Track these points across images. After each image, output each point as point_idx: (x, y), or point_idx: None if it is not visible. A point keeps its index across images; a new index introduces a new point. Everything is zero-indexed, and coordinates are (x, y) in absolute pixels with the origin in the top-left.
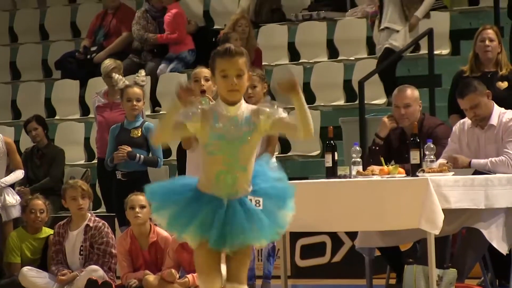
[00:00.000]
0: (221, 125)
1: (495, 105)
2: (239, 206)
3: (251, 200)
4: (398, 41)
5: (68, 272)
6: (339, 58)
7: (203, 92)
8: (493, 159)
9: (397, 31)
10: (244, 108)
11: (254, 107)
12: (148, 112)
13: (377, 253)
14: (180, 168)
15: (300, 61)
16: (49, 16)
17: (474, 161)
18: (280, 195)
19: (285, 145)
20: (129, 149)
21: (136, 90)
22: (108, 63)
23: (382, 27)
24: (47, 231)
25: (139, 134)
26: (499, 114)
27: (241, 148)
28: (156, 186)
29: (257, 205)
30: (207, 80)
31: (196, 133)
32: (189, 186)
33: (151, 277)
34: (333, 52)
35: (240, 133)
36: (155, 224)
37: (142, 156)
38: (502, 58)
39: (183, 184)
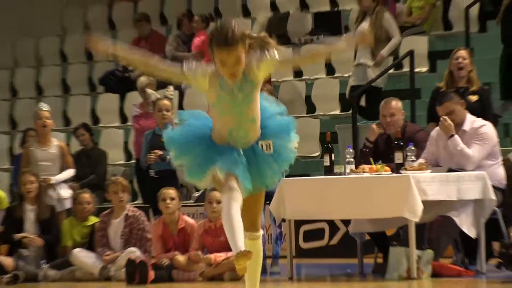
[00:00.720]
0: (227, 92)
1: (468, 114)
2: (252, 154)
3: (262, 145)
4: (370, 74)
5: (111, 253)
6: (335, 75)
7: None
8: (465, 148)
9: (369, 66)
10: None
11: (248, 63)
12: (176, 121)
13: (367, 237)
14: None
15: (303, 77)
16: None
17: (454, 138)
18: (284, 130)
19: None
20: (160, 152)
21: (166, 102)
22: (143, 79)
23: (355, 63)
24: (93, 219)
25: None
26: (471, 121)
27: (248, 106)
28: (175, 135)
29: (268, 149)
30: None
31: (201, 90)
32: (204, 138)
33: (180, 257)
34: (330, 70)
35: (244, 95)
36: (183, 213)
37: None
38: (473, 76)
39: (199, 135)
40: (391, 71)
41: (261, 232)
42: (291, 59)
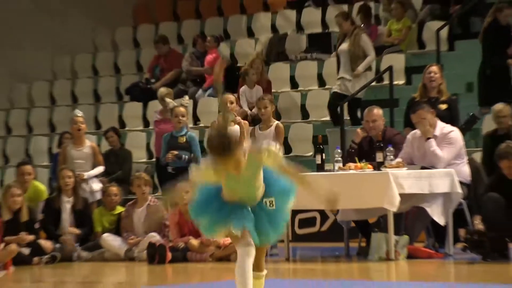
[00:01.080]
0: (233, 181)
1: (439, 121)
2: (259, 210)
3: (265, 202)
4: (349, 87)
5: (134, 237)
6: (326, 87)
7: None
8: (437, 150)
9: (349, 80)
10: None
11: (250, 152)
12: (191, 125)
13: (352, 224)
14: None
15: (298, 89)
16: (121, 57)
17: (430, 141)
18: (286, 192)
19: (287, 148)
20: (176, 152)
21: (182, 109)
22: (162, 90)
23: (338, 76)
24: (119, 209)
25: (184, 141)
26: (440, 127)
27: (254, 179)
28: (195, 205)
29: (271, 205)
30: (231, 103)
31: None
32: (217, 197)
33: (194, 241)
34: (321, 83)
35: (250, 174)
36: None
37: (186, 157)
38: (443, 88)
39: (212, 195)
40: (373, 83)
41: (265, 271)
42: (285, 168)
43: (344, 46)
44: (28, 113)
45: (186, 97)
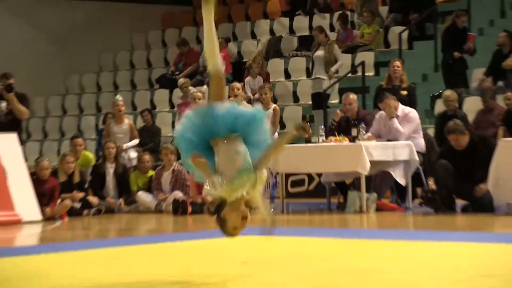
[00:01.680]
0: None
1: (400, 104)
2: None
3: None
4: (324, 86)
5: (162, 194)
6: (312, 77)
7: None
8: (399, 127)
9: (324, 79)
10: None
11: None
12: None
13: (333, 185)
14: None
15: (291, 79)
16: (152, 54)
17: (394, 119)
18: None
19: (282, 125)
20: None
21: (199, 94)
22: (181, 80)
23: (314, 77)
24: (151, 172)
25: None
26: (402, 109)
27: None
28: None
29: None
30: (238, 89)
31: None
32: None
33: (210, 197)
34: (309, 75)
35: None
36: None
37: None
38: (404, 78)
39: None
40: (349, 74)
41: None
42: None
43: (319, 53)
44: (79, 98)
45: (204, 87)
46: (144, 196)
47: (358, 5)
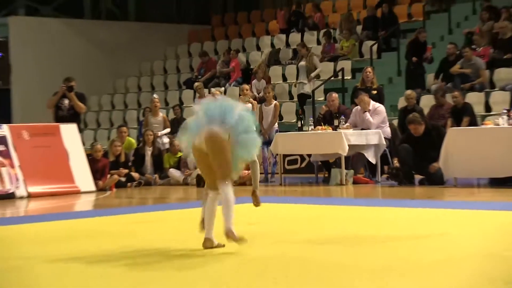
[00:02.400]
0: None
1: (371, 101)
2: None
3: None
4: (306, 88)
5: (188, 170)
6: (298, 82)
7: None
8: (370, 118)
9: (305, 83)
10: None
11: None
12: None
13: (319, 163)
14: None
15: (287, 81)
16: (180, 62)
17: (366, 113)
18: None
19: (280, 117)
20: None
21: (218, 92)
22: (197, 84)
23: (298, 81)
24: (179, 154)
25: None
26: (372, 104)
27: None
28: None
29: None
30: (247, 90)
31: None
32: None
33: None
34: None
35: None
36: None
37: None
38: (374, 81)
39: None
40: (332, 78)
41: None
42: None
43: (302, 63)
44: (124, 96)
45: (222, 88)
46: (174, 172)
47: (340, 25)
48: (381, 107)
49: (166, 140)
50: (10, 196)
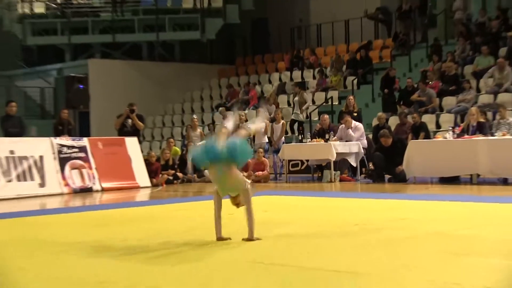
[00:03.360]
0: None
1: (353, 120)
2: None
3: None
4: (300, 117)
5: None
6: (293, 112)
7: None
8: (352, 133)
9: (298, 114)
10: None
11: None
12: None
13: (315, 166)
14: None
15: (291, 106)
16: (213, 92)
17: (349, 129)
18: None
19: (286, 132)
20: None
21: (241, 116)
22: (221, 109)
23: (293, 112)
24: None
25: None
26: (354, 123)
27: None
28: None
29: None
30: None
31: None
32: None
33: (244, 173)
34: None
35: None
36: None
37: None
38: (355, 105)
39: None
40: (324, 103)
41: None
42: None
43: (296, 98)
44: (172, 117)
45: (244, 112)
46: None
47: (331, 64)
48: (360, 125)
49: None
50: (89, 190)
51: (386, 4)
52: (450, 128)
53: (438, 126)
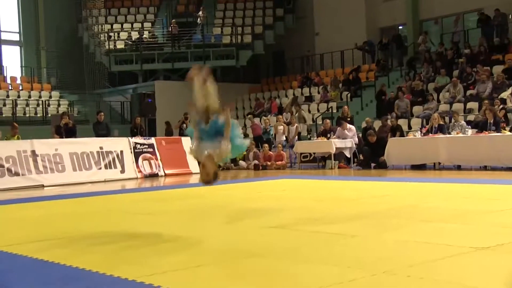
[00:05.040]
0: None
1: (348, 124)
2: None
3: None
4: (303, 129)
5: (249, 161)
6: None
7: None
8: (347, 133)
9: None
10: None
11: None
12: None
13: (320, 157)
14: None
15: (302, 114)
16: (244, 103)
17: (345, 130)
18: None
19: (298, 133)
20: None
21: (266, 120)
22: (249, 116)
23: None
24: (244, 152)
25: (265, 131)
26: (348, 126)
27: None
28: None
29: None
30: (280, 119)
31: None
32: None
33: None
34: (307, 99)
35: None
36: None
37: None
38: (349, 113)
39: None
40: (326, 112)
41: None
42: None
43: (296, 114)
44: None
45: (267, 118)
46: (242, 162)
47: (330, 83)
48: (352, 127)
49: None
50: (155, 175)
51: (371, 39)
52: (419, 129)
53: (409, 127)
